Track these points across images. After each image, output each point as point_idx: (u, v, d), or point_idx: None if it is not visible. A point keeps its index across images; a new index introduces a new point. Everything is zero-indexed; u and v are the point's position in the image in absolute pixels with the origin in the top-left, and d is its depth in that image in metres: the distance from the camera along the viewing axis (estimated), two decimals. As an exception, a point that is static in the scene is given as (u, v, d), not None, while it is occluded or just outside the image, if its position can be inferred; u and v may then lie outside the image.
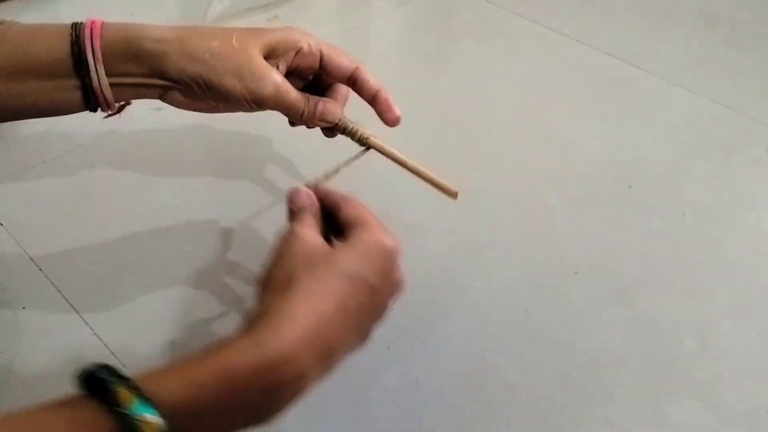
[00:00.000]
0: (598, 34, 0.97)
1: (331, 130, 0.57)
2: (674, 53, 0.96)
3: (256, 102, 0.51)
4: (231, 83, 0.50)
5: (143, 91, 0.52)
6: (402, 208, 0.71)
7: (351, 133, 0.55)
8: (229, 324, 0.59)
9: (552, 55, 0.94)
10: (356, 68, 0.54)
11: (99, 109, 0.53)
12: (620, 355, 0.59)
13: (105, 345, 0.57)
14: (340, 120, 0.55)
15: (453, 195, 0.54)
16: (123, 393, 0.32)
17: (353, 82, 0.54)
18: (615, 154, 0.79)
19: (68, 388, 0.35)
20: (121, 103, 0.55)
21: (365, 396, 0.55)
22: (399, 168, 0.56)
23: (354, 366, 0.56)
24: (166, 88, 0.51)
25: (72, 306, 0.59)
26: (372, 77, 0.54)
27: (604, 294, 0.64)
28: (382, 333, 0.58)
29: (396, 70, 0.91)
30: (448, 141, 0.80)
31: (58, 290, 0.60)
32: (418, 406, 0.55)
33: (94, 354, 0.56)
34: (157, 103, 0.53)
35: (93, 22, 0.50)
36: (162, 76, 0.50)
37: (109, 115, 0.57)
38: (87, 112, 0.53)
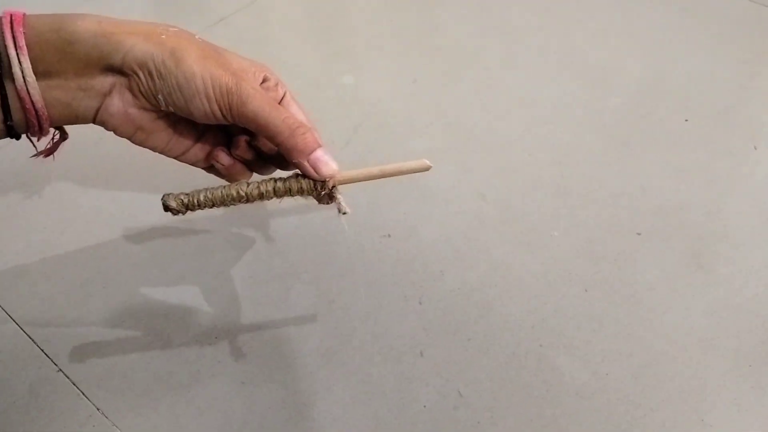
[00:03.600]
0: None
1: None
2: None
3: (218, 99, 0.39)
4: (191, 69, 0.38)
5: (78, 102, 0.39)
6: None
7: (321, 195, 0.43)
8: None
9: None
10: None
11: (26, 132, 0.40)
12: (707, 334, 0.48)
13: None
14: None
15: (426, 169, 0.42)
16: None
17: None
18: (662, 80, 0.66)
19: None
20: (55, 134, 0.43)
21: (397, 418, 0.44)
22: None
23: (380, 381, 0.46)
24: (104, 95, 0.40)
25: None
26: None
27: (676, 258, 0.52)
28: (411, 336, 0.48)
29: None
30: (460, 82, 0.67)
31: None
32: (467, 428, 0.44)
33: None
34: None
35: (13, 12, 0.37)
36: (101, 68, 0.38)
37: (39, 154, 0.44)
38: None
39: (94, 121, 0.41)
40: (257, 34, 0.73)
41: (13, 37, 0.36)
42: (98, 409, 0.45)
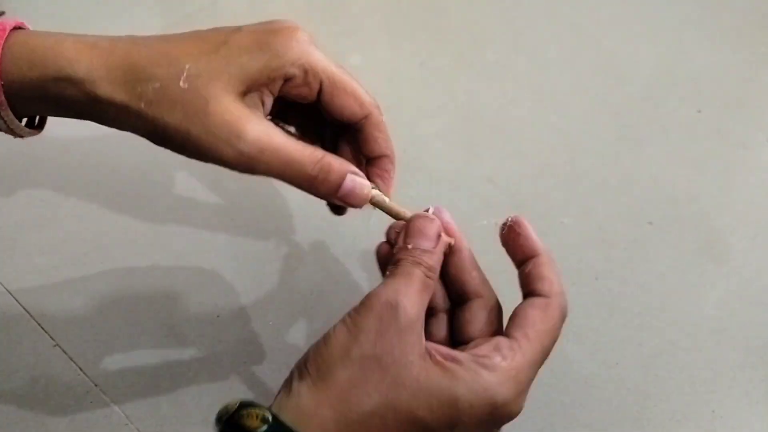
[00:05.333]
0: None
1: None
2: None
3: (236, 166, 0.33)
4: (177, 129, 0.33)
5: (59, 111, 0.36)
6: (426, 153, 0.57)
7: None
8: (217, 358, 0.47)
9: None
10: (367, 116, 0.37)
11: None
12: (719, 325, 0.47)
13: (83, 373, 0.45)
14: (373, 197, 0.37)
15: None
16: None
17: (357, 130, 0.37)
18: (675, 70, 0.65)
19: None
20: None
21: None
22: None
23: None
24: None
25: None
26: (384, 132, 0.38)
27: (688, 247, 0.52)
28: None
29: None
30: (470, 66, 0.66)
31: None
32: (474, 414, 0.43)
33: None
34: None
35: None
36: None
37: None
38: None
39: None
40: (259, 9, 0.71)
41: None
42: (96, 386, 0.44)
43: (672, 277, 0.50)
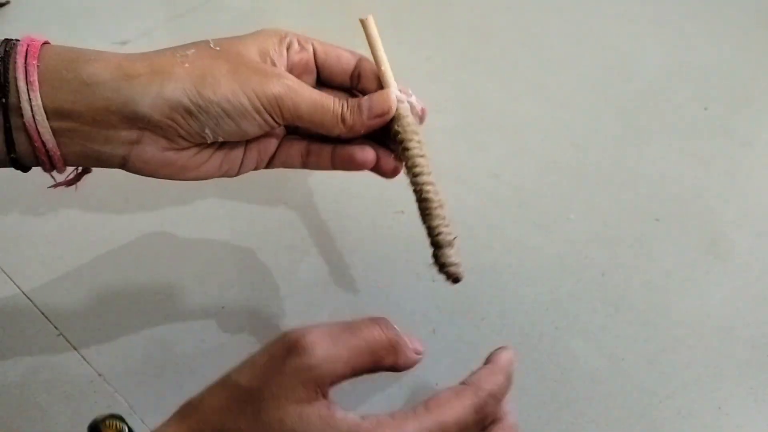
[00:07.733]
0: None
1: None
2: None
3: (268, 110, 0.37)
4: (230, 88, 0.36)
5: (98, 146, 0.36)
6: (431, 148, 0.57)
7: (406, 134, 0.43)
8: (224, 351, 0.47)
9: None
10: (360, 59, 0.43)
11: (39, 166, 0.37)
12: (724, 322, 0.47)
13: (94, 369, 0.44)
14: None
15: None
16: None
17: (357, 76, 0.43)
18: (682, 67, 0.65)
19: None
20: (76, 169, 0.41)
21: (407, 396, 0.43)
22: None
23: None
24: (131, 143, 0.36)
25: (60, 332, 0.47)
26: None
27: (694, 245, 0.51)
28: (424, 314, 0.47)
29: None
30: (476, 61, 0.65)
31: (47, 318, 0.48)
32: (479, 408, 0.43)
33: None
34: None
35: (31, 42, 0.35)
36: (124, 115, 0.35)
37: (58, 185, 0.41)
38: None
39: (122, 168, 0.38)
40: (263, 3, 0.71)
41: (26, 70, 0.34)
42: (100, 375, 0.43)
43: (678, 273, 0.50)
